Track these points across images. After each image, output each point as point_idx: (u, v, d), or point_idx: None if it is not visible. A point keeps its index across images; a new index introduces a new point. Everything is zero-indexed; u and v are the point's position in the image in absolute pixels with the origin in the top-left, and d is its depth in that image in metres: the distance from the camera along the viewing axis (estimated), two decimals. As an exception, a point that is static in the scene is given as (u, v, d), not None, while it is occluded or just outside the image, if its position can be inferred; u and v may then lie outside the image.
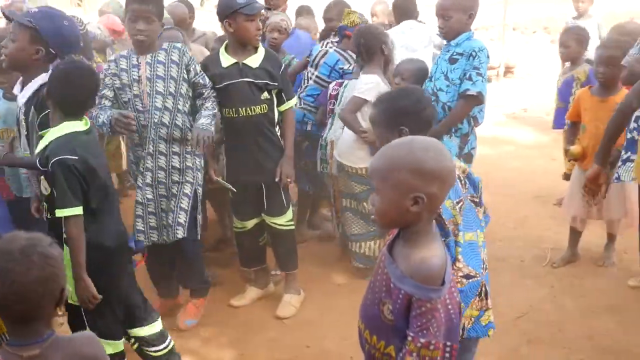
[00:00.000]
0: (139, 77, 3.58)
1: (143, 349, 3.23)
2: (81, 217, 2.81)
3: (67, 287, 1.79)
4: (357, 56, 4.37)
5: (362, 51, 4.23)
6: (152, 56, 3.60)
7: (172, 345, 3.32)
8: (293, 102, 4.02)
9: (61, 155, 2.76)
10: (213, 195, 4.61)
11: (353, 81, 4.34)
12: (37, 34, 3.06)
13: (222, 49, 3.82)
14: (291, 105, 3.99)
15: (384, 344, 1.88)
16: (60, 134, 2.83)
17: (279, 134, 3.96)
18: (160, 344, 3.26)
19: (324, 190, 4.91)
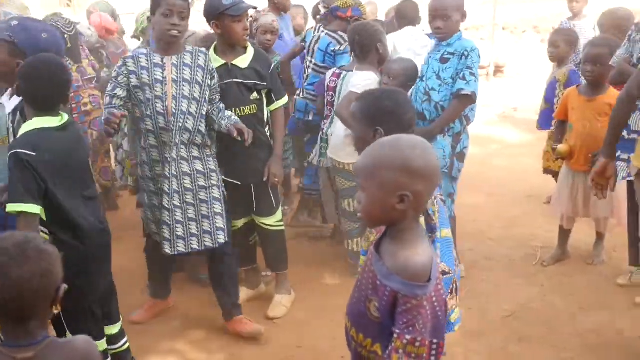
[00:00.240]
0: (164, 78, 3.45)
1: (107, 347, 3.14)
2: (34, 216, 2.67)
3: (64, 286, 1.76)
4: (351, 51, 4.34)
5: (357, 48, 4.21)
6: (177, 57, 3.49)
7: (128, 344, 3.27)
8: (283, 101, 4.00)
9: (17, 149, 2.66)
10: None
11: (349, 74, 4.26)
12: (16, 47, 3.05)
13: (211, 50, 3.81)
14: (281, 105, 3.99)
15: (371, 341, 1.88)
16: (28, 130, 2.75)
17: (268, 134, 3.96)
18: (121, 340, 3.23)
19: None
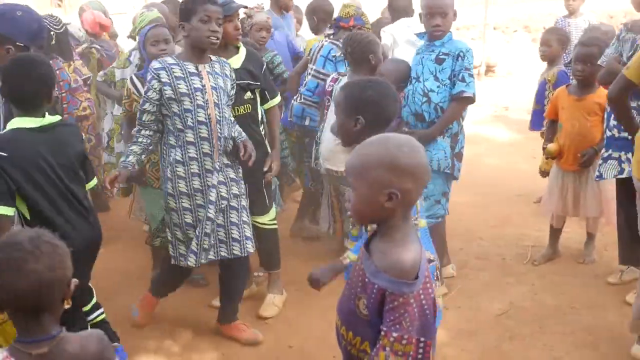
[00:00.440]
0: (203, 86, 3.40)
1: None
2: (6, 217, 2.65)
3: (74, 280, 1.78)
4: (345, 60, 4.33)
5: (350, 59, 4.18)
6: (210, 65, 3.47)
7: (104, 315, 3.25)
8: (276, 100, 4.01)
9: None
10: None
11: (344, 79, 4.23)
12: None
13: None
14: (275, 103, 3.99)
15: (360, 340, 1.88)
16: (7, 130, 2.71)
17: (263, 133, 3.96)
18: (97, 310, 3.21)
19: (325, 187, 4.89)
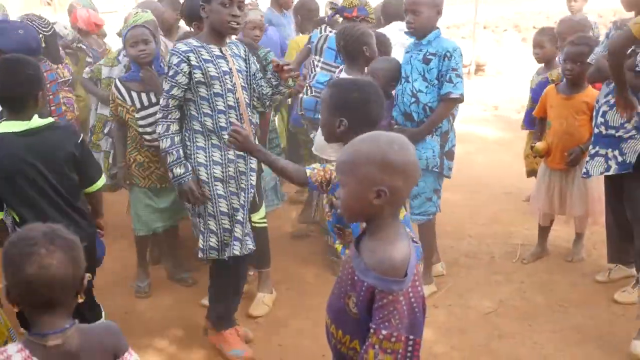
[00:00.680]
0: (229, 69, 3.29)
1: None
2: None
3: (87, 275, 1.79)
4: (339, 55, 4.30)
5: (343, 53, 4.16)
6: (229, 48, 3.37)
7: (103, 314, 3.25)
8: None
9: None
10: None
11: (342, 75, 4.20)
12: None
13: None
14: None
15: (349, 338, 1.88)
16: None
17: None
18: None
19: None
